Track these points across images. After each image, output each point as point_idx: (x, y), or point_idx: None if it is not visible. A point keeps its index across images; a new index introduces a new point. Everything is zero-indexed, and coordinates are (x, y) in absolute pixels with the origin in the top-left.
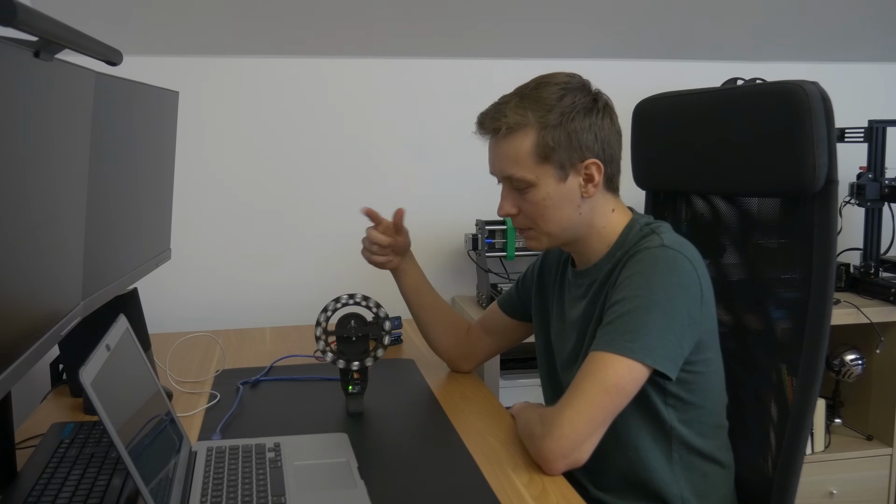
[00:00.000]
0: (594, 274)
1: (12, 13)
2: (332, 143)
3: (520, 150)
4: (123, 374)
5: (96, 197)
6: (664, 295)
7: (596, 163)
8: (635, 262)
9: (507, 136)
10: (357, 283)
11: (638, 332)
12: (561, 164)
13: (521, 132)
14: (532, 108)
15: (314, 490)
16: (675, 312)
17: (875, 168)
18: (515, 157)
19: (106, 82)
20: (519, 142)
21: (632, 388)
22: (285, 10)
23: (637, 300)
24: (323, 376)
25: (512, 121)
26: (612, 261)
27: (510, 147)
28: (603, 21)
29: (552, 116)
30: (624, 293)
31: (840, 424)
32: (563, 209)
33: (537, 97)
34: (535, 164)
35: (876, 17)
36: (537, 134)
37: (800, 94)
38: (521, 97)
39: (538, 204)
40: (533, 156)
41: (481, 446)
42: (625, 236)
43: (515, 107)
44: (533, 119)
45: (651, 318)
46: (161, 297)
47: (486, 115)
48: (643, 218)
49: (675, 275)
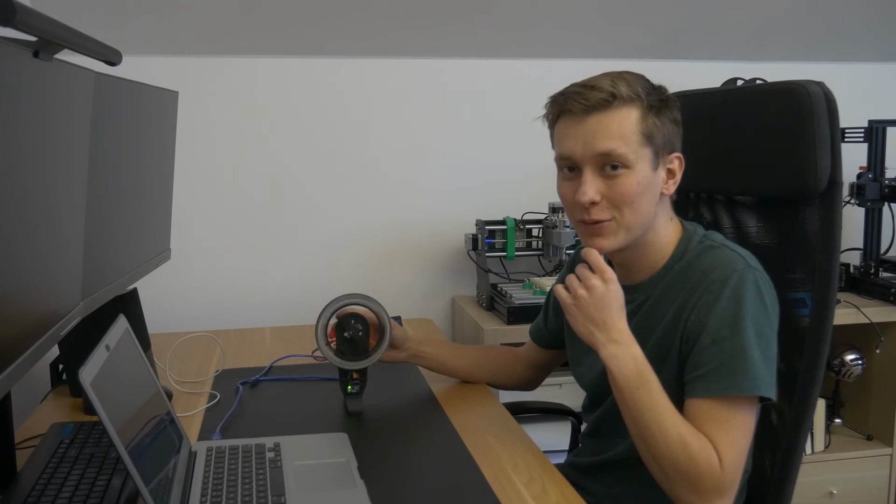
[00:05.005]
0: (649, 289)
1: (11, 13)
2: (332, 142)
3: (625, 125)
4: (123, 375)
5: (96, 197)
6: (766, 322)
7: (679, 157)
8: (722, 286)
9: (617, 107)
10: (357, 283)
11: (748, 369)
12: (656, 150)
13: (632, 106)
14: (637, 85)
15: (314, 490)
16: (771, 335)
17: (875, 168)
18: (621, 133)
19: (105, 82)
20: (627, 116)
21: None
22: (285, 10)
23: (738, 337)
24: (323, 376)
25: (624, 92)
26: (671, 275)
27: (616, 120)
28: (603, 21)
29: (652, 99)
30: (721, 329)
31: (840, 424)
32: (650, 201)
33: (633, 79)
34: (638, 144)
35: (876, 17)
36: (642, 112)
37: (803, 95)
38: (618, 76)
39: (630, 189)
40: (638, 134)
41: (481, 446)
42: (682, 249)
43: (624, 81)
44: (642, 95)
45: (755, 350)
46: (161, 297)
47: (590, 88)
48: (696, 227)
49: (765, 297)
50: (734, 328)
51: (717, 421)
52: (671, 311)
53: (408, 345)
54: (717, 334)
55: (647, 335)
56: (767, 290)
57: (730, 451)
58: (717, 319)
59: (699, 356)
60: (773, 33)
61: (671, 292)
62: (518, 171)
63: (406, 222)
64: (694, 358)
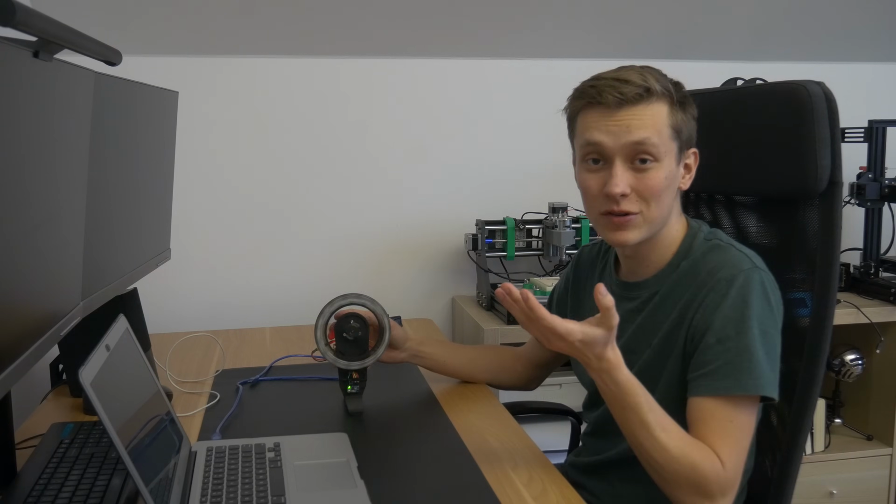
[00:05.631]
0: (655, 286)
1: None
2: (332, 142)
3: (658, 118)
4: (123, 375)
5: (96, 197)
6: (771, 323)
7: (695, 153)
8: (728, 286)
9: (650, 101)
10: (357, 283)
11: (752, 368)
12: (681, 145)
13: (663, 101)
14: (665, 80)
15: (314, 490)
16: (775, 336)
17: (875, 168)
18: (654, 125)
19: (105, 82)
20: (658, 110)
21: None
22: (285, 10)
23: (743, 337)
24: (323, 376)
25: (657, 87)
26: (678, 272)
27: (650, 113)
28: (603, 21)
29: (678, 95)
30: (726, 328)
31: (840, 424)
32: (671, 196)
33: (659, 74)
34: (669, 138)
35: (876, 17)
36: (670, 107)
37: (803, 95)
38: (644, 69)
39: (659, 183)
40: (669, 128)
41: (481, 446)
42: (688, 246)
43: (652, 75)
44: (672, 90)
45: (759, 350)
46: (161, 297)
47: (620, 81)
48: (701, 225)
49: (770, 298)
50: (739, 328)
51: (719, 420)
52: (677, 309)
53: (408, 345)
54: (723, 333)
55: (653, 333)
56: (773, 291)
57: (731, 451)
58: (723, 319)
59: (704, 355)
60: (773, 33)
61: (677, 290)
62: (518, 171)
63: (406, 222)
64: (698, 356)
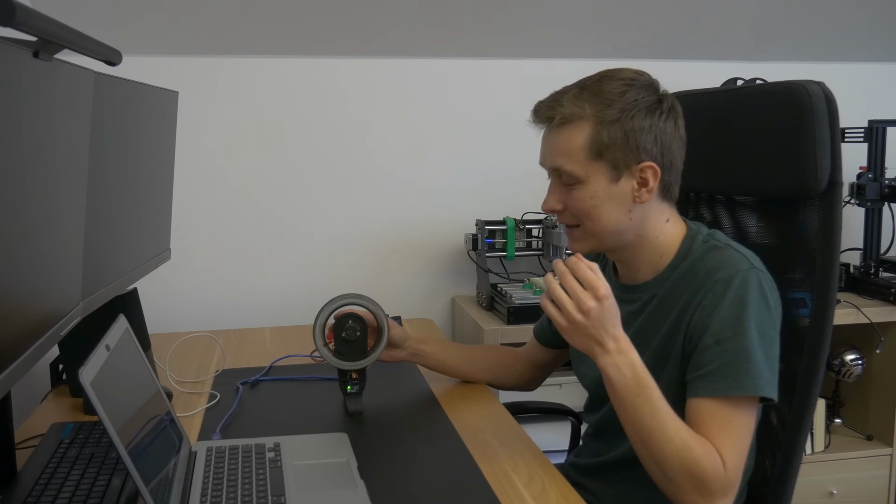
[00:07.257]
0: (654, 288)
1: (11, 13)
2: (332, 143)
3: (572, 144)
4: (123, 375)
5: (96, 197)
6: (769, 323)
7: (652, 167)
8: (726, 287)
9: (560, 126)
10: (357, 284)
11: (750, 369)
12: (615, 163)
13: (576, 124)
14: (591, 100)
15: (314, 490)
16: (774, 336)
17: (875, 168)
18: (567, 150)
19: (105, 82)
20: (572, 134)
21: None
22: (285, 10)
23: (741, 337)
24: (323, 376)
25: (567, 111)
26: (676, 275)
27: (562, 139)
28: (603, 21)
29: (611, 112)
30: (724, 329)
31: (840, 424)
32: (613, 211)
33: (598, 90)
34: (587, 160)
35: (876, 17)
36: (593, 128)
37: (803, 95)
38: (582, 88)
39: (585, 202)
40: (585, 151)
41: (481, 446)
42: (686, 249)
43: (574, 97)
44: (590, 112)
45: (758, 351)
46: (161, 297)
47: (542, 104)
48: (700, 227)
49: (768, 298)
50: (738, 329)
51: (719, 421)
52: (675, 311)
53: (408, 343)
54: (721, 334)
55: (652, 335)
56: (771, 292)
57: (732, 452)
58: (721, 320)
59: (702, 356)
60: (773, 33)
61: (675, 292)
62: (518, 171)
63: (406, 222)
64: (697, 358)
